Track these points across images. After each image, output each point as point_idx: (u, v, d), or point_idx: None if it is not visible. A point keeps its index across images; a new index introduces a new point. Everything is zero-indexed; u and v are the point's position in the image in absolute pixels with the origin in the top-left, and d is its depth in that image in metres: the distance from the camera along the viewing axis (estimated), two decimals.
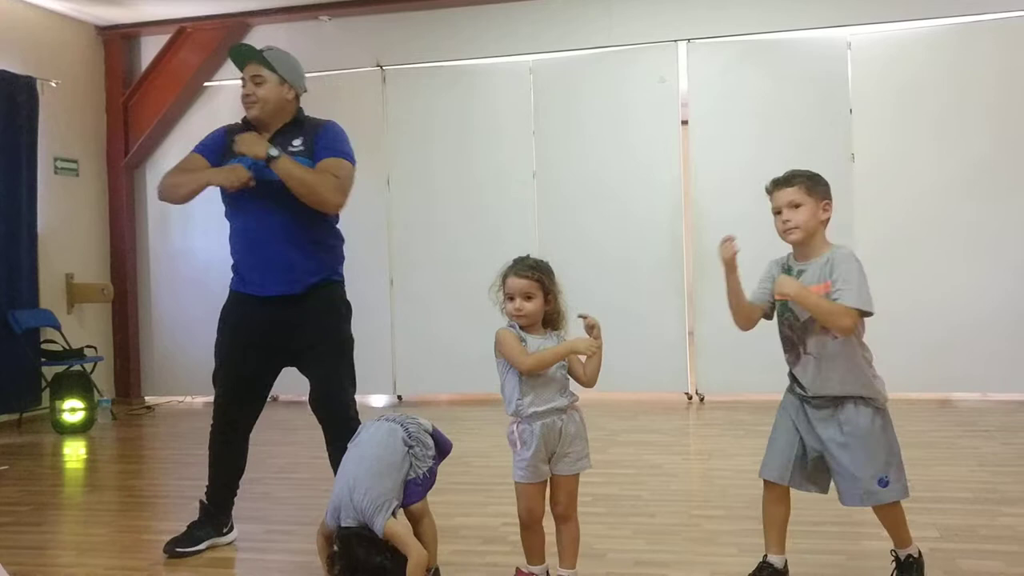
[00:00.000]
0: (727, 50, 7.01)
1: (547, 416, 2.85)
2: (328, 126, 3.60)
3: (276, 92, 3.53)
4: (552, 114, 7.30)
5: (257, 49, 3.58)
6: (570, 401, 2.91)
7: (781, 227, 2.90)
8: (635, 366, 6.88)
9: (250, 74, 3.53)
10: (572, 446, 2.89)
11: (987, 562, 3.22)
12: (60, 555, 3.79)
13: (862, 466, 2.83)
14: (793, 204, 2.87)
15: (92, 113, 7.96)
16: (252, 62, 3.54)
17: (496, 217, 7.34)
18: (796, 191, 2.88)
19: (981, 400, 6.65)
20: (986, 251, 6.57)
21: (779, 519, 2.98)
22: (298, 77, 3.62)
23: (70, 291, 7.61)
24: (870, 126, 6.75)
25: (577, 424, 2.92)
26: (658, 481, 4.60)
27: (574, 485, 2.92)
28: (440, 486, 4.60)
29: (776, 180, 2.95)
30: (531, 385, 2.85)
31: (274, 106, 3.53)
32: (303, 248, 3.50)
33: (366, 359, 7.28)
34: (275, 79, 3.54)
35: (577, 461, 2.90)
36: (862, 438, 2.84)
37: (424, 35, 7.47)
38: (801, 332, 2.87)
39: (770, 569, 2.97)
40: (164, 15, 7.73)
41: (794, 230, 2.86)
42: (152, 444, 6.49)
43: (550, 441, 2.86)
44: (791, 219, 2.87)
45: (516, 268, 2.88)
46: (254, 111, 3.53)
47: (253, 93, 3.52)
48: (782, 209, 2.89)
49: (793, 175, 2.93)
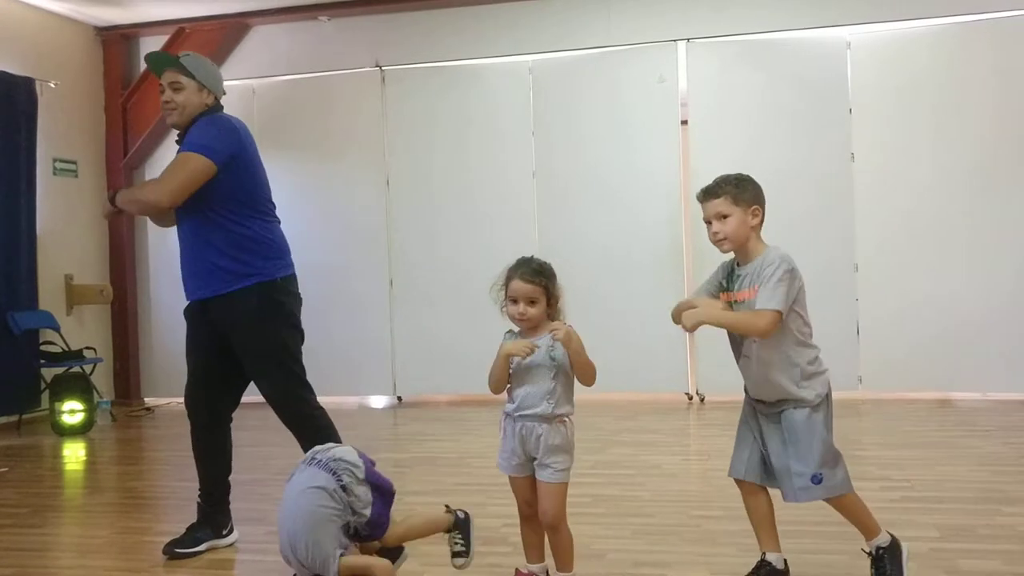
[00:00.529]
0: (726, 50, 7.01)
1: (527, 420, 2.85)
2: (201, 121, 3.55)
3: (195, 98, 3.56)
4: (551, 114, 7.30)
5: (174, 56, 3.62)
6: (554, 411, 2.83)
7: (712, 238, 2.94)
8: (635, 366, 6.89)
9: (168, 80, 3.56)
10: (551, 457, 2.84)
11: (987, 562, 3.22)
12: (60, 557, 3.79)
13: (796, 462, 2.86)
14: (720, 215, 2.91)
15: (91, 114, 7.95)
16: (170, 69, 3.57)
17: (495, 217, 7.34)
18: (723, 202, 2.91)
19: (981, 400, 6.65)
20: (986, 250, 6.57)
21: (761, 514, 3.00)
22: (216, 81, 3.64)
23: (69, 292, 7.61)
24: (870, 125, 6.75)
25: (562, 436, 2.85)
26: (658, 481, 4.60)
27: (555, 494, 2.85)
28: (441, 487, 4.62)
29: (704, 190, 2.97)
30: (518, 386, 2.86)
31: (192, 112, 3.56)
32: (206, 261, 3.52)
33: (365, 360, 7.41)
34: (194, 85, 3.56)
35: (557, 472, 2.84)
36: (797, 435, 2.87)
37: (423, 35, 7.47)
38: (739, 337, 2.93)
39: (768, 568, 2.97)
40: (163, 16, 7.72)
41: (723, 241, 2.90)
42: (151, 446, 6.48)
43: (528, 445, 2.86)
44: (720, 231, 2.90)
45: (521, 271, 2.85)
46: (173, 117, 3.58)
47: (172, 99, 3.55)
48: (711, 220, 2.92)
49: (719, 185, 2.94)
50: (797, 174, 6.70)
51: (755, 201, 2.93)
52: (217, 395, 3.70)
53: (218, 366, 3.65)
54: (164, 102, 3.58)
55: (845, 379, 6.71)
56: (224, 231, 3.50)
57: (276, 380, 3.58)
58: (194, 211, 3.48)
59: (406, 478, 4.90)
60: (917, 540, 3.46)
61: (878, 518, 3.69)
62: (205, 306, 3.58)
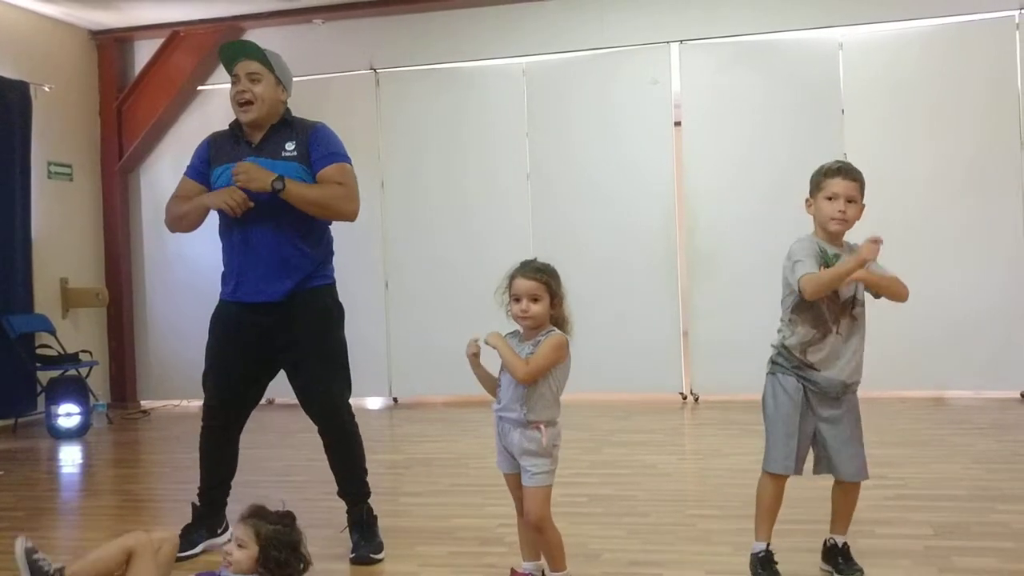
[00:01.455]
0: (719, 51, 7.03)
1: (504, 422, 2.90)
2: (319, 129, 3.55)
3: (273, 92, 3.48)
4: (545, 116, 7.31)
5: (256, 45, 3.51)
6: (526, 417, 2.82)
7: (833, 214, 2.98)
8: (629, 367, 6.90)
9: (246, 71, 3.44)
10: (527, 460, 2.84)
11: (981, 559, 3.23)
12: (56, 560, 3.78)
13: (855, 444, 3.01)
14: (851, 198, 2.98)
15: (86, 118, 7.95)
16: (248, 59, 3.46)
17: (490, 219, 7.35)
18: (856, 188, 3.00)
19: (975, 398, 6.67)
20: (978, 250, 6.60)
21: (779, 506, 3.09)
22: (290, 80, 3.59)
23: (65, 296, 7.60)
24: (862, 126, 6.77)
25: (536, 443, 2.82)
26: (653, 481, 4.61)
27: (535, 496, 2.84)
28: (437, 488, 4.63)
29: (841, 168, 3.03)
30: (501, 380, 2.92)
31: (269, 107, 3.47)
32: (293, 253, 3.46)
33: (361, 362, 7.29)
34: (272, 79, 3.48)
35: (534, 476, 2.83)
36: (856, 417, 3.03)
37: (417, 37, 7.47)
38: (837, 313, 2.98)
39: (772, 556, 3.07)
40: (157, 19, 7.72)
41: (843, 222, 2.98)
42: (148, 448, 6.48)
43: (510, 446, 2.89)
44: (846, 211, 2.97)
45: (523, 270, 2.87)
46: (251, 113, 3.43)
47: (249, 90, 3.42)
48: (839, 197, 2.97)
49: (855, 170, 3.03)
50: (790, 174, 6.68)
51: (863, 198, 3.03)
52: (244, 399, 3.64)
53: (255, 371, 3.58)
54: (240, 92, 3.41)
55: None
56: (317, 233, 3.53)
57: (331, 379, 3.54)
58: (279, 213, 3.37)
59: (402, 479, 4.92)
60: (912, 538, 3.48)
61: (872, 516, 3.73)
62: (265, 309, 3.45)
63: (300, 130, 3.54)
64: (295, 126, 3.55)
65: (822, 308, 2.97)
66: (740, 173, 6.85)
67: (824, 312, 2.97)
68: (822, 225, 3.01)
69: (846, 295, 2.96)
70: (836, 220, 2.97)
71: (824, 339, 2.98)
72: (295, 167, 3.44)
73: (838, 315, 2.97)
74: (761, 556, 3.05)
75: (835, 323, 2.97)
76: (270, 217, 3.41)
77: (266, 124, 3.50)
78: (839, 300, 2.96)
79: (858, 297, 3.00)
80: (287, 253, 3.45)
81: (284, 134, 3.50)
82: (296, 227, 3.46)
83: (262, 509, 2.87)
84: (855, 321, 2.99)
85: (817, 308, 2.97)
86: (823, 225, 3.01)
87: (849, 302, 2.97)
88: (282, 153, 3.45)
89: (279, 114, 3.53)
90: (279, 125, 3.52)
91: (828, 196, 2.99)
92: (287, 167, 3.43)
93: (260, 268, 3.45)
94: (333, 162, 3.48)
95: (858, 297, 3.00)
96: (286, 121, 3.54)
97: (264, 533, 2.78)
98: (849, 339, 2.98)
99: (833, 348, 2.97)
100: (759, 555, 3.05)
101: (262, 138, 3.49)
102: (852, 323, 2.99)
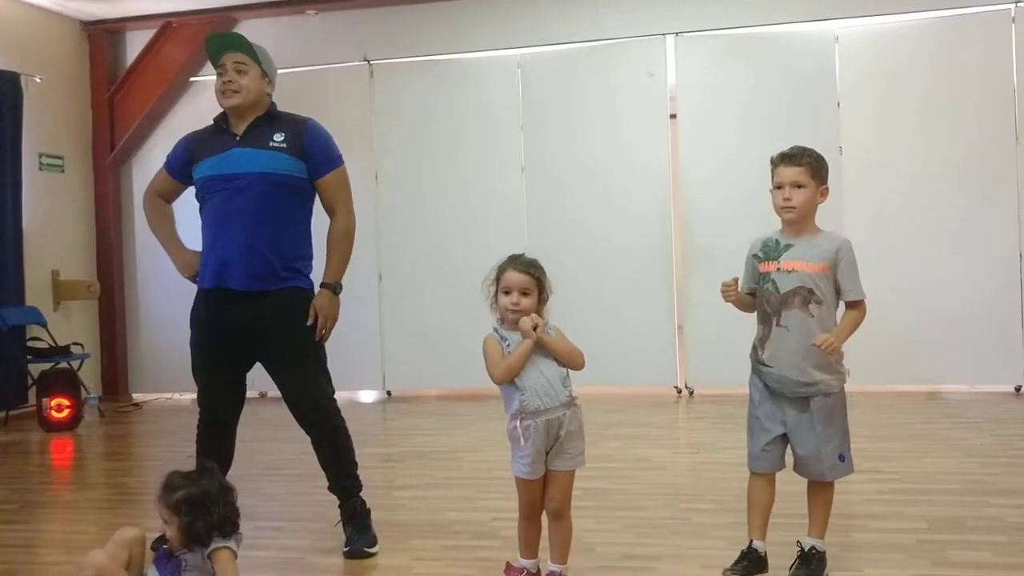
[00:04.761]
0: (715, 43, 7.01)
1: (551, 413, 2.83)
2: (312, 127, 3.57)
3: (258, 84, 3.50)
4: (540, 108, 7.29)
5: (242, 38, 3.55)
6: (570, 394, 2.88)
7: (780, 203, 2.94)
8: (624, 360, 6.89)
9: (232, 61, 3.47)
10: (570, 443, 2.87)
11: (975, 553, 3.23)
12: (48, 553, 3.77)
13: (826, 444, 2.94)
14: (796, 184, 2.91)
15: (77, 109, 7.90)
16: (234, 50, 3.50)
17: (485, 211, 7.33)
18: (802, 172, 2.92)
19: (969, 392, 6.68)
20: (973, 243, 6.59)
21: (766, 503, 3.06)
22: (275, 74, 3.63)
23: (56, 288, 7.56)
24: (857, 119, 6.76)
25: (579, 420, 2.89)
26: (647, 475, 4.61)
27: (569, 481, 2.91)
28: (431, 482, 4.62)
29: (784, 155, 2.97)
30: (530, 378, 2.83)
31: (255, 98, 3.49)
32: (275, 248, 3.45)
33: (355, 355, 7.37)
34: (258, 71, 3.51)
35: (574, 457, 2.89)
36: (828, 417, 2.94)
37: (412, 29, 7.44)
38: (778, 305, 2.93)
39: (755, 554, 3.03)
40: (149, 10, 7.68)
41: (791, 210, 2.92)
42: (140, 441, 6.46)
43: (550, 436, 2.85)
44: (792, 198, 2.91)
45: (514, 263, 2.88)
46: (236, 99, 3.46)
47: (235, 80, 3.46)
48: (784, 186, 2.92)
49: (802, 154, 2.95)
50: None
51: (826, 180, 2.97)
52: (234, 403, 3.64)
53: (232, 372, 3.58)
54: (226, 83, 3.46)
55: None
56: (300, 230, 3.56)
57: (312, 375, 3.53)
58: (263, 209, 3.41)
59: (396, 472, 4.91)
60: (906, 532, 3.48)
61: (867, 510, 3.72)
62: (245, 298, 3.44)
63: (290, 124, 3.56)
64: (283, 120, 3.57)
65: (763, 302, 2.97)
66: (735, 165, 6.82)
67: (764, 306, 2.97)
68: (777, 215, 2.99)
69: (786, 288, 2.91)
70: (784, 209, 2.93)
71: (770, 334, 2.95)
72: (284, 158, 3.46)
73: (779, 307, 2.92)
74: (743, 551, 3.05)
75: (776, 314, 2.93)
76: (253, 215, 3.41)
77: (250, 116, 3.51)
78: (779, 292, 2.92)
79: (813, 291, 2.90)
80: (265, 254, 3.43)
81: (270, 126, 3.52)
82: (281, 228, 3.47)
83: (171, 478, 2.73)
84: (810, 317, 2.89)
85: (760, 302, 2.99)
86: (777, 215, 2.99)
87: (791, 295, 2.90)
88: (269, 144, 3.47)
89: (264, 106, 3.55)
90: (264, 117, 3.53)
91: (776, 185, 2.96)
92: (274, 156, 3.45)
93: (240, 260, 3.43)
94: (332, 168, 3.58)
95: (813, 291, 2.90)
96: (271, 115, 3.56)
97: (175, 502, 2.67)
98: (798, 334, 2.89)
99: (779, 343, 2.92)
100: (743, 551, 3.06)
101: (246, 128, 3.50)
102: (804, 318, 2.89)
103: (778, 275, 2.93)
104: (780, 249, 2.94)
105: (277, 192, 3.45)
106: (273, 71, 3.61)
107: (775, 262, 2.94)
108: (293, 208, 3.51)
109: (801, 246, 2.92)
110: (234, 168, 3.43)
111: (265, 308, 3.45)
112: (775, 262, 2.94)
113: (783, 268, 2.92)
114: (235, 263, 3.43)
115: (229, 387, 3.61)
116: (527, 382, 2.83)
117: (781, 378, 2.94)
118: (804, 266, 2.89)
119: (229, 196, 3.43)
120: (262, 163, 3.44)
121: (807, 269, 2.89)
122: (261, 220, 3.42)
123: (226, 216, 3.44)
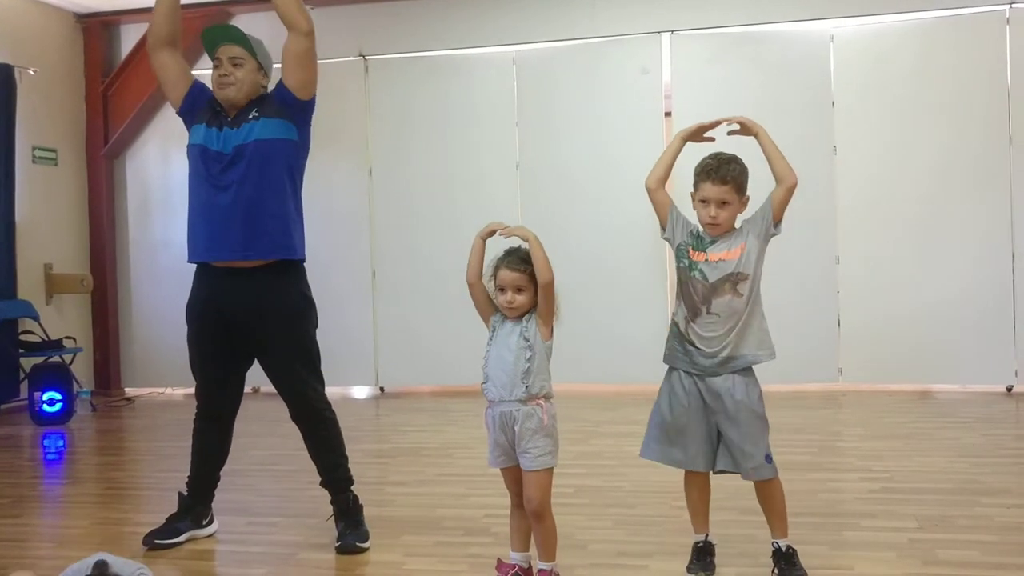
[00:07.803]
0: (710, 42, 7.02)
1: (503, 407, 2.81)
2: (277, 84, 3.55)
3: (253, 76, 3.50)
4: (535, 105, 7.28)
5: (242, 31, 3.54)
6: (528, 392, 2.79)
7: (706, 219, 2.95)
8: (617, 358, 6.88)
9: (228, 54, 3.47)
10: (529, 442, 2.78)
11: (966, 552, 3.24)
12: (39, 547, 3.77)
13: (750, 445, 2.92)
14: (722, 202, 2.92)
15: (71, 102, 7.88)
16: (230, 43, 3.49)
17: (479, 208, 7.28)
18: (728, 191, 2.92)
19: (960, 392, 6.70)
20: (967, 244, 6.61)
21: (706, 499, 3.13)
22: (270, 67, 3.62)
23: (49, 282, 7.54)
24: (852, 119, 6.77)
25: (538, 420, 2.78)
26: (639, 472, 4.60)
27: (537, 482, 2.79)
28: (423, 478, 4.62)
29: (709, 169, 2.96)
30: (490, 368, 2.83)
31: (250, 90, 3.49)
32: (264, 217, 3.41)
33: (348, 351, 7.38)
34: (254, 64, 3.51)
35: (536, 458, 2.77)
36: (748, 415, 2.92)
37: (407, 25, 7.43)
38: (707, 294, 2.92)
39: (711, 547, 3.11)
40: (144, 3, 7.63)
41: (717, 227, 2.94)
42: (132, 436, 6.45)
43: (508, 434, 2.82)
44: (718, 216, 2.92)
45: (508, 261, 2.86)
46: (231, 92, 3.44)
47: (231, 73, 3.45)
48: (710, 203, 2.92)
49: (727, 172, 2.93)
50: None
51: (747, 189, 2.97)
52: (232, 397, 3.63)
53: (229, 366, 3.56)
54: (222, 75, 3.44)
55: (825, 371, 6.74)
56: (295, 200, 3.50)
57: (299, 371, 3.51)
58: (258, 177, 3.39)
59: (388, 469, 4.90)
60: (896, 531, 3.49)
61: (857, 509, 3.73)
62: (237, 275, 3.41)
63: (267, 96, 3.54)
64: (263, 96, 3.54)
65: (690, 289, 2.96)
66: None
67: (692, 295, 2.95)
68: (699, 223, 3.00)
69: (719, 275, 2.90)
70: (709, 225, 2.95)
71: (696, 319, 2.94)
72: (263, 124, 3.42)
73: (708, 295, 2.91)
74: (699, 546, 3.09)
75: (705, 303, 2.92)
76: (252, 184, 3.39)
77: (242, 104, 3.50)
78: (707, 281, 2.92)
79: (742, 272, 2.89)
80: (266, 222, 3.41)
81: (249, 106, 3.49)
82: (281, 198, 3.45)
83: None
84: (738, 297, 2.88)
85: (686, 287, 2.97)
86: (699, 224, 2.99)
87: (724, 281, 2.90)
88: (249, 117, 3.44)
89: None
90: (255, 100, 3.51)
91: (701, 199, 2.95)
92: (251, 128, 3.42)
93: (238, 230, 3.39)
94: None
95: (742, 272, 2.89)
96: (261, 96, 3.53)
97: None
98: (731, 318, 2.89)
99: (708, 327, 2.92)
100: (696, 544, 3.10)
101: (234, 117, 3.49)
102: (732, 300, 2.89)
103: (706, 265, 2.94)
104: (706, 243, 2.97)
105: (262, 162, 3.41)
106: (269, 63, 3.60)
107: (703, 253, 2.96)
108: (281, 176, 3.46)
109: (725, 240, 2.96)
110: (221, 147, 3.42)
111: (259, 290, 3.43)
112: (703, 253, 2.96)
113: (711, 260, 2.94)
114: (224, 233, 3.40)
115: (228, 381, 3.61)
116: (489, 369, 2.84)
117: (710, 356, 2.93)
118: (728, 254, 2.92)
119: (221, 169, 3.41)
120: (244, 135, 3.42)
121: (732, 256, 2.91)
122: (251, 191, 3.40)
123: (213, 189, 3.42)
